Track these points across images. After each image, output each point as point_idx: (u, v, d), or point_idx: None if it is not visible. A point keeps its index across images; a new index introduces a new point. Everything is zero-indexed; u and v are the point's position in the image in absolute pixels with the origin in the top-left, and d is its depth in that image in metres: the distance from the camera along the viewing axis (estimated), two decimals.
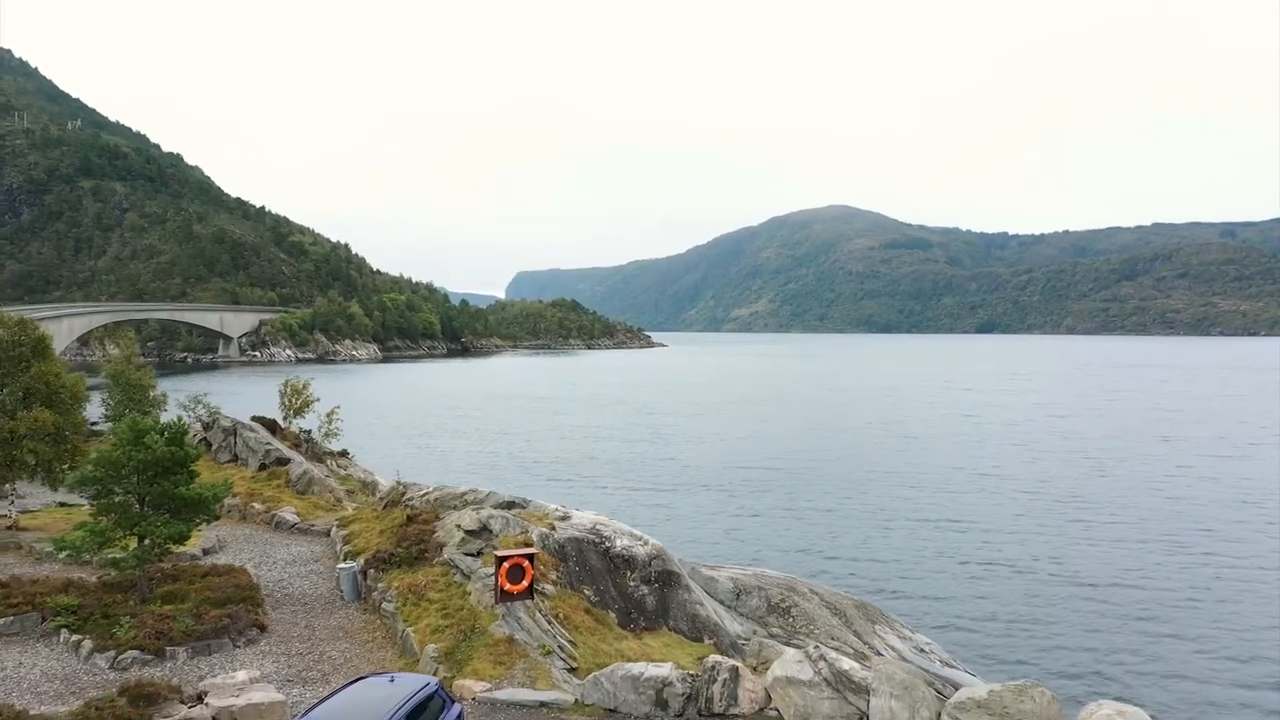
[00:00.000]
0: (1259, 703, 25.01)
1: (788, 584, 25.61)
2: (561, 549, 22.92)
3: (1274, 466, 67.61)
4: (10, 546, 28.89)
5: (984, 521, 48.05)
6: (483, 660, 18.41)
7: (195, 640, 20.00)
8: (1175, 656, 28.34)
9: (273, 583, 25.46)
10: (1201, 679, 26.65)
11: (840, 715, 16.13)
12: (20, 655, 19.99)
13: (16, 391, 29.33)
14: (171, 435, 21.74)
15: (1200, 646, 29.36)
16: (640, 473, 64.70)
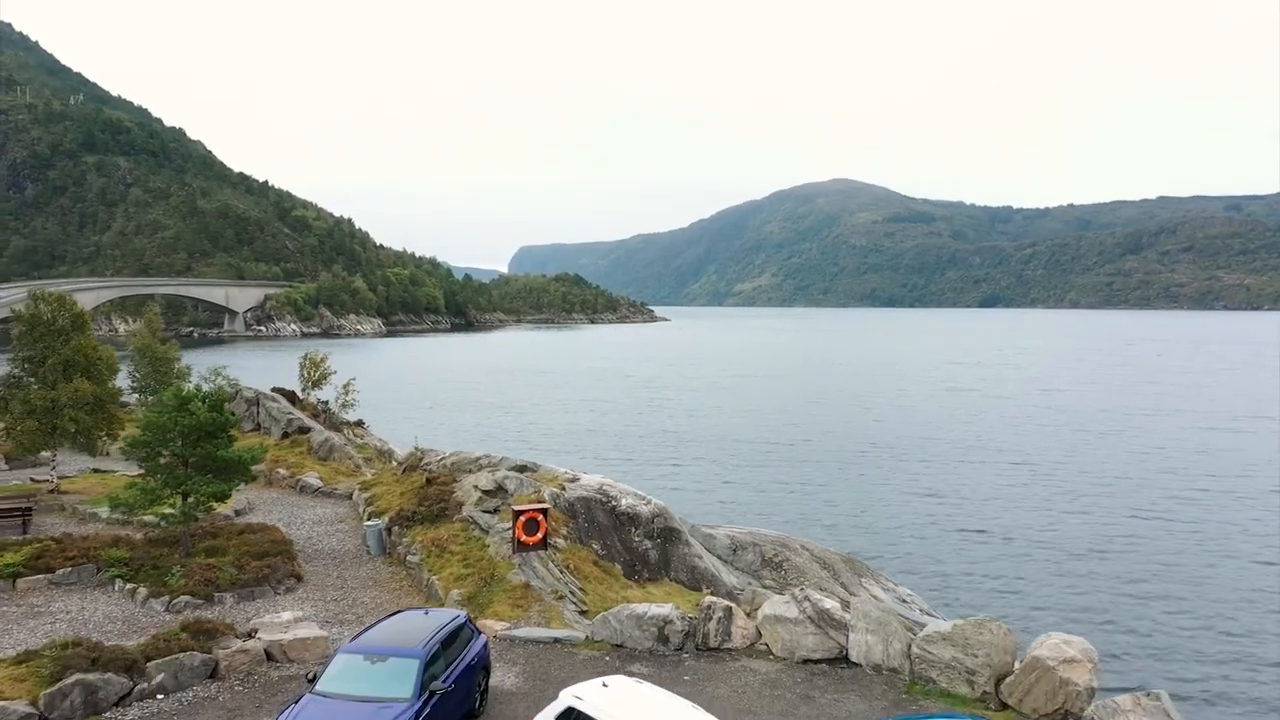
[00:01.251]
0: (1207, 650, 27.33)
1: (781, 541, 27.57)
2: (571, 507, 24.86)
3: (1257, 440, 69.56)
4: (55, 508, 30.89)
5: (969, 488, 50.39)
6: (502, 604, 20.39)
7: (240, 588, 22.00)
8: (1135, 606, 30.91)
9: (303, 540, 27.44)
10: (1158, 626, 29.19)
11: (822, 649, 18.09)
12: (81, 601, 22.04)
13: (57, 364, 31.16)
14: (213, 402, 23.63)
15: (1166, 604, 31.75)
16: (643, 444, 66.73)
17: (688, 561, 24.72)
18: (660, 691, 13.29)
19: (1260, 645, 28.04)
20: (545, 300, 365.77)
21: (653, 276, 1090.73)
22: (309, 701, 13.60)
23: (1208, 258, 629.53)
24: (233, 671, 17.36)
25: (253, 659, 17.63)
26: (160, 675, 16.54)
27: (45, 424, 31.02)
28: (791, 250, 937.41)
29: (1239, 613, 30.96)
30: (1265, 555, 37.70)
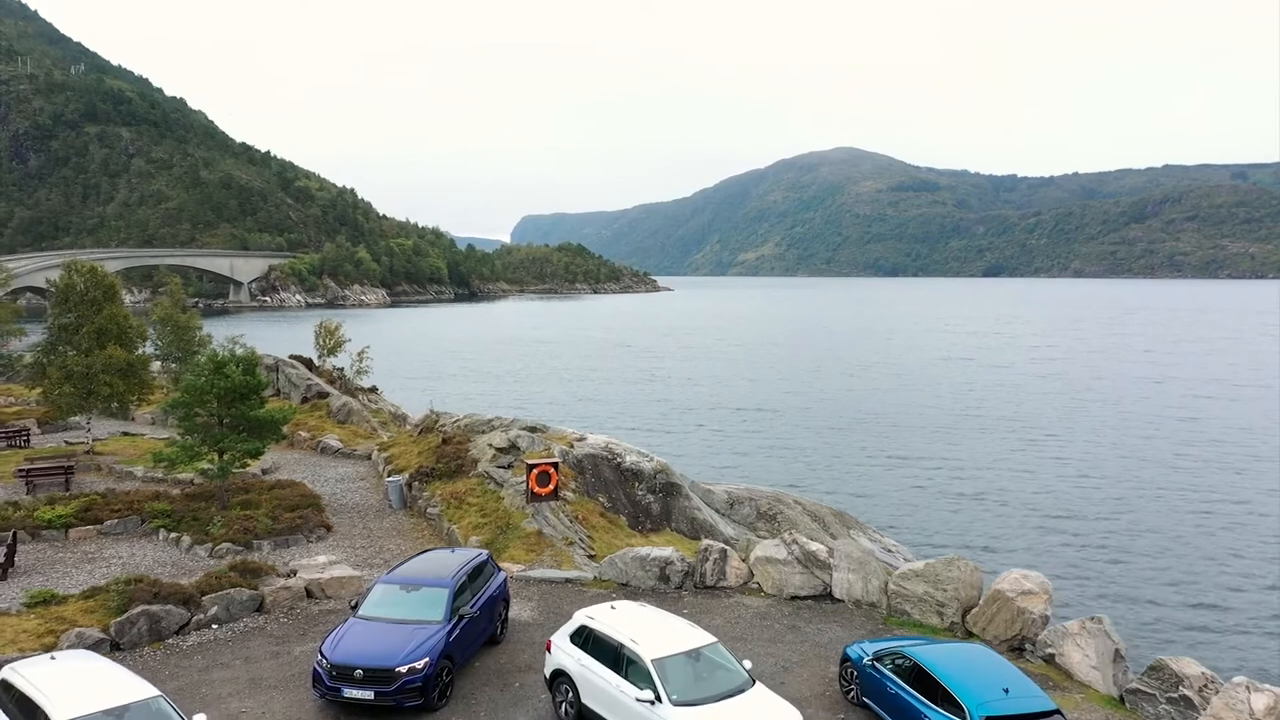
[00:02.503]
0: (1149, 585, 30.65)
1: (775, 496, 29.46)
2: (579, 463, 26.70)
3: (1242, 406, 71.33)
4: (92, 468, 32.81)
5: (956, 450, 53.06)
6: (517, 549, 22.29)
7: (275, 536, 23.92)
8: (1091, 548, 34.86)
9: (327, 496, 29.31)
10: (1111, 565, 32.90)
11: (809, 587, 19.98)
12: (130, 548, 23.99)
13: (92, 332, 32.92)
14: (246, 366, 25.40)
15: (1120, 546, 35.34)
16: (644, 410, 68.65)
17: (688, 514, 26.60)
18: (661, 612, 15.18)
19: (1198, 581, 31.58)
20: (548, 270, 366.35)
21: (656, 246, 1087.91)
22: (354, 623, 15.52)
23: (1212, 226, 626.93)
24: (277, 606, 19.30)
25: (294, 595, 19.57)
26: (214, 608, 18.49)
27: (81, 389, 32.83)
28: (795, 219, 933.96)
29: (1185, 554, 34.59)
30: (1220, 508, 40.88)
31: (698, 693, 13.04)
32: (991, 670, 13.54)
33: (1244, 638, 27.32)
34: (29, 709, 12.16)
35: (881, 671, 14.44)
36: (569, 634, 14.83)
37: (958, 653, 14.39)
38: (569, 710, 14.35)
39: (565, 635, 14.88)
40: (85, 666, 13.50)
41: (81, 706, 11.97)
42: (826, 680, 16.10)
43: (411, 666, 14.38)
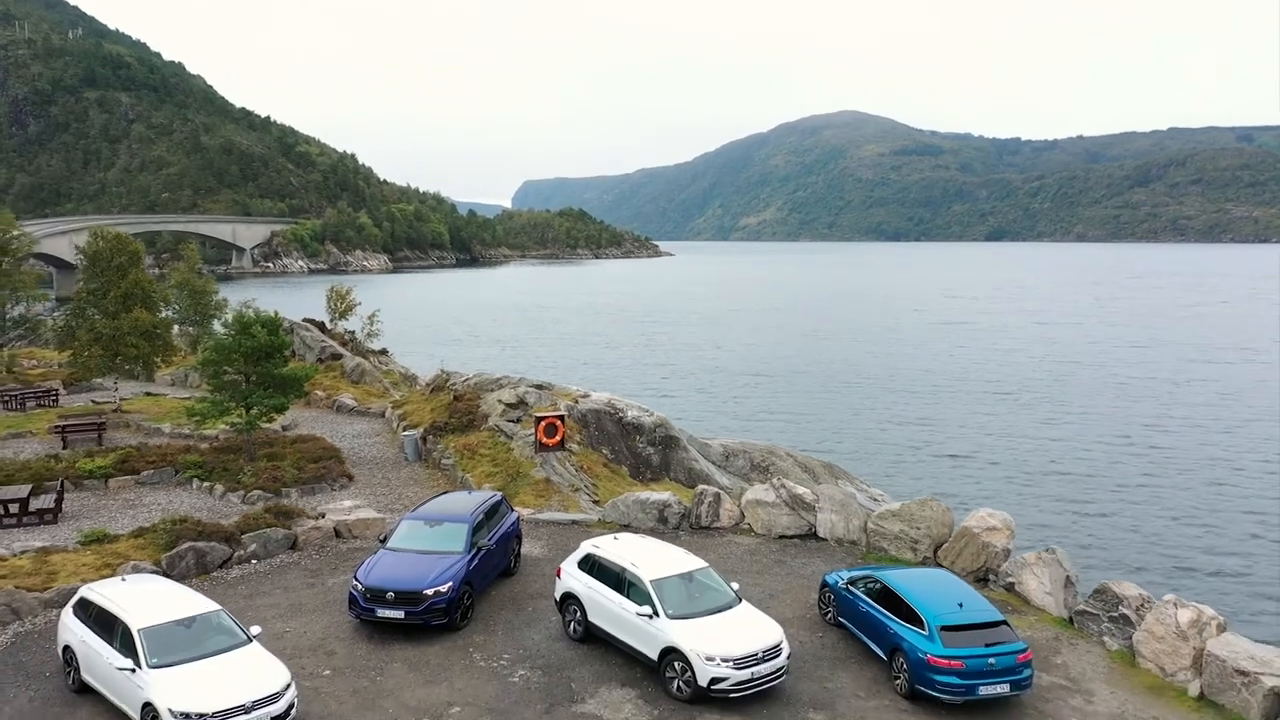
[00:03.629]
0: (1105, 523, 34.41)
1: (768, 449, 31.24)
2: (584, 418, 28.45)
3: (1233, 370, 73.02)
4: (121, 425, 34.60)
5: (945, 409, 56.14)
6: (527, 495, 24.09)
7: (301, 485, 25.72)
8: (1054, 488, 38.98)
9: (346, 450, 31.02)
10: (1070, 505, 37.07)
11: (795, 527, 21.77)
12: (167, 496, 25.82)
13: (118, 296, 34.52)
14: (270, 327, 27.05)
15: (1082, 489, 39.33)
16: (644, 373, 70.43)
17: (685, 464, 28.39)
18: (659, 542, 17.00)
19: (1146, 517, 35.74)
20: (549, 235, 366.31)
21: (657, 211, 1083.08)
22: (384, 554, 17.34)
23: (1217, 190, 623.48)
24: (309, 544, 21.14)
25: (324, 534, 21.40)
26: (253, 545, 20.32)
27: (109, 351, 34.52)
28: (797, 184, 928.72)
29: (1138, 495, 38.75)
30: (1179, 458, 44.79)
31: (690, 608, 14.85)
32: (949, 590, 15.34)
33: (1180, 563, 30.91)
34: (107, 621, 13.97)
35: (855, 593, 16.25)
36: (576, 561, 16.63)
37: (921, 576, 16.21)
38: (577, 627, 16.20)
39: (573, 562, 16.68)
40: (153, 586, 15.34)
41: (155, 617, 13.79)
42: (808, 605, 17.93)
43: (437, 590, 16.21)
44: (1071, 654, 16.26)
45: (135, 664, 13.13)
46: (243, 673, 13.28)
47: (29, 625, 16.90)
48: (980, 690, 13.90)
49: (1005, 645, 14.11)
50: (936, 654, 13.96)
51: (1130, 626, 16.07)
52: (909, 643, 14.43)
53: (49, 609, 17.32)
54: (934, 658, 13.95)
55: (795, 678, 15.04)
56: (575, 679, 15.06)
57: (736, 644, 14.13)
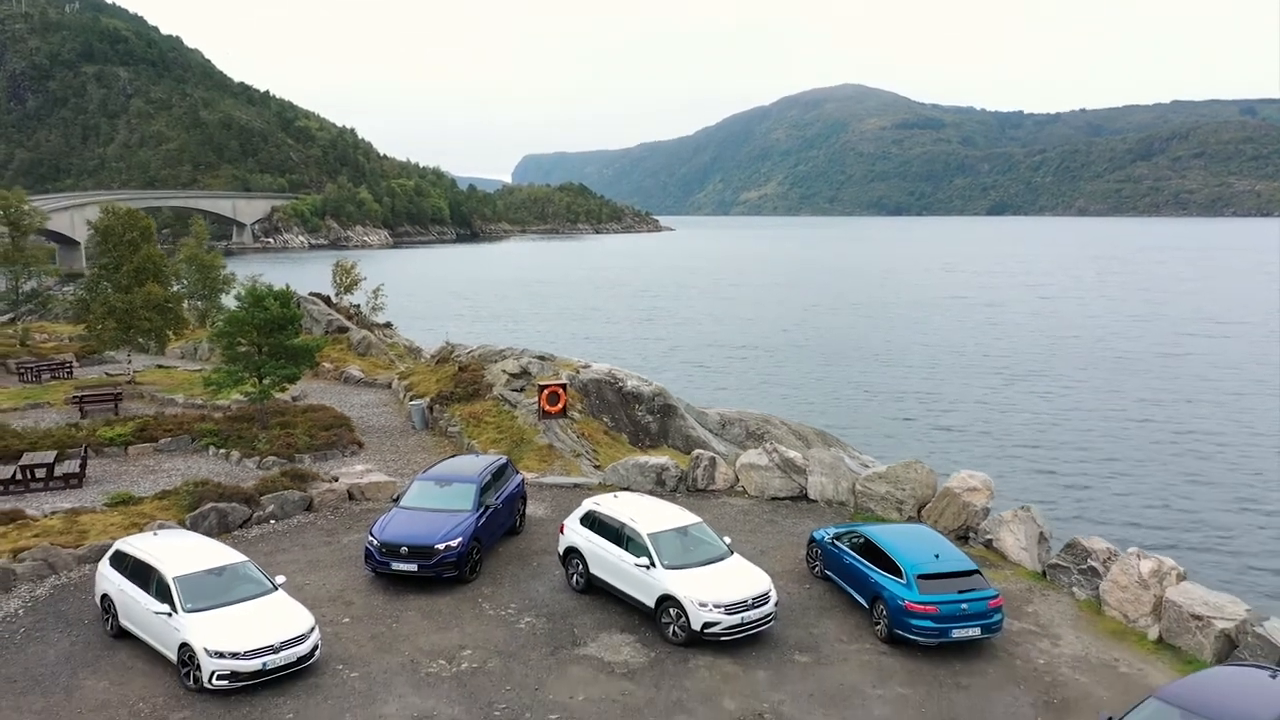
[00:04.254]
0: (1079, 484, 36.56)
1: (763, 418, 32.27)
2: (585, 388, 29.45)
3: (1225, 344, 73.96)
4: (135, 396, 35.63)
5: (938, 380, 57.74)
6: (530, 460, 25.14)
7: (314, 451, 26.77)
8: (1035, 452, 41.41)
9: (355, 419, 31.97)
10: (1050, 467, 39.61)
11: (787, 489, 22.82)
12: (185, 462, 26.88)
13: (131, 270, 35.41)
14: (283, 300, 27.98)
15: (1060, 453, 41.67)
16: (642, 345, 71.37)
17: (683, 432, 29.43)
18: (655, 499, 18.07)
19: (1119, 477, 38.42)
20: (550, 210, 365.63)
21: (658, 185, 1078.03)
22: (397, 512, 18.40)
23: (1219, 163, 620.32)
24: (324, 505, 22.21)
25: (338, 496, 22.47)
26: (271, 506, 21.40)
27: (123, 324, 35.47)
28: (798, 158, 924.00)
29: (1114, 457, 41.09)
30: (1156, 424, 47.26)
31: (685, 559, 15.93)
32: (927, 543, 16.40)
33: (1149, 520, 33.19)
34: (143, 571, 15.05)
35: (840, 547, 17.32)
36: (578, 518, 17.69)
37: (901, 531, 17.28)
38: (579, 579, 17.29)
39: (575, 519, 17.74)
40: (184, 539, 16.43)
41: (188, 566, 14.87)
42: (797, 560, 19.01)
43: (448, 544, 17.28)
44: (1042, 603, 17.35)
45: (171, 609, 14.22)
46: (270, 617, 14.37)
47: (65, 579, 18.00)
48: (953, 633, 14.99)
49: (977, 592, 15.19)
50: (913, 600, 15.03)
51: (1098, 578, 17.14)
52: (889, 591, 15.50)
53: (82, 564, 18.42)
54: (910, 603, 15.03)
55: (783, 624, 16.14)
56: (578, 625, 16.16)
57: (728, 591, 15.21)
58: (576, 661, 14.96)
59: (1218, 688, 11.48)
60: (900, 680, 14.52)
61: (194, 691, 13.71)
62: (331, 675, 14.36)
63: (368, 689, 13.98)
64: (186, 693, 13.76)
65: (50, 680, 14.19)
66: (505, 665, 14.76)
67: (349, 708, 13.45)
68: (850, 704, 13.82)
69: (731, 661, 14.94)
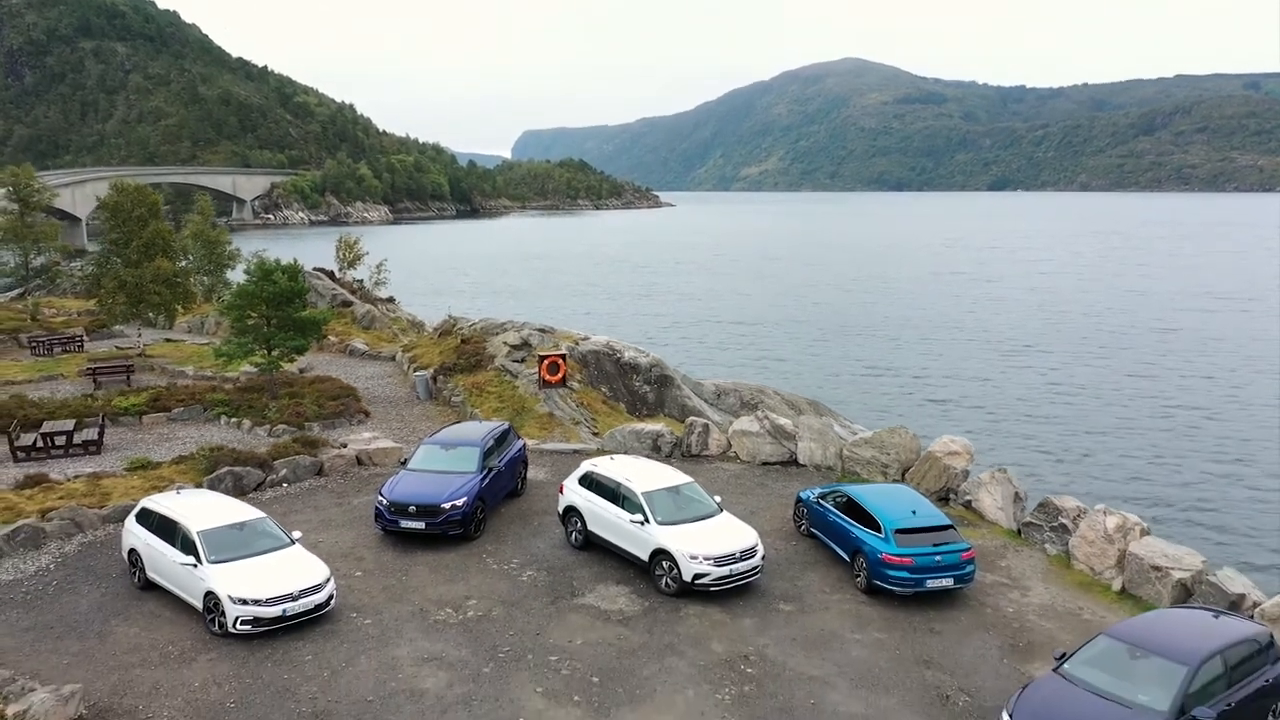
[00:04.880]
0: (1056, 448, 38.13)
1: (758, 388, 33.22)
2: (584, 359, 30.37)
3: (1210, 318, 74.79)
4: (146, 368, 36.57)
5: (930, 353, 58.63)
6: (531, 428, 26.11)
7: (323, 419, 27.73)
8: (1014, 419, 43.28)
9: (361, 390, 32.81)
10: (1027, 431, 41.54)
11: (777, 454, 23.79)
12: (198, 431, 27.85)
13: (140, 246, 36.22)
14: (291, 274, 28.83)
15: (1038, 420, 43.36)
16: (643, 321, 72.28)
17: (679, 401, 30.38)
18: (649, 461, 19.03)
19: (1092, 439, 40.56)
20: (550, 186, 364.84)
21: (658, 161, 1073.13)
22: (405, 474, 19.38)
23: (1222, 138, 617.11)
24: (334, 470, 23.19)
25: (347, 462, 23.45)
26: (283, 470, 22.38)
27: (133, 298, 36.34)
28: (799, 133, 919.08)
29: (1097, 425, 42.88)
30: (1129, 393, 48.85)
31: (677, 516, 16.91)
32: (905, 500, 17.39)
33: (1119, 479, 34.92)
34: (168, 527, 16.05)
35: (824, 505, 18.31)
36: (577, 479, 18.67)
37: (882, 490, 18.27)
38: (578, 537, 18.29)
39: (574, 480, 18.72)
40: (206, 498, 17.43)
41: (211, 521, 15.87)
42: (785, 520, 20.01)
43: (453, 504, 18.26)
44: (1015, 559, 18.37)
45: (196, 560, 15.22)
46: (288, 568, 15.39)
47: (91, 537, 19.00)
48: (928, 583, 16.00)
49: (951, 545, 16.20)
50: (890, 553, 16.03)
51: (1068, 534, 18.14)
52: (868, 545, 16.50)
53: (107, 523, 19.41)
54: (888, 555, 16.03)
55: (769, 577, 17.16)
56: (576, 578, 17.18)
57: (717, 545, 16.22)
58: (575, 610, 15.98)
59: (1162, 626, 12.50)
60: (877, 626, 15.55)
61: (219, 636, 14.74)
62: (346, 622, 15.38)
63: (380, 634, 15.01)
64: (212, 637, 14.79)
65: (84, 626, 15.22)
66: (508, 613, 15.78)
67: (364, 650, 14.48)
68: (830, 647, 14.84)
69: (720, 610, 15.96)
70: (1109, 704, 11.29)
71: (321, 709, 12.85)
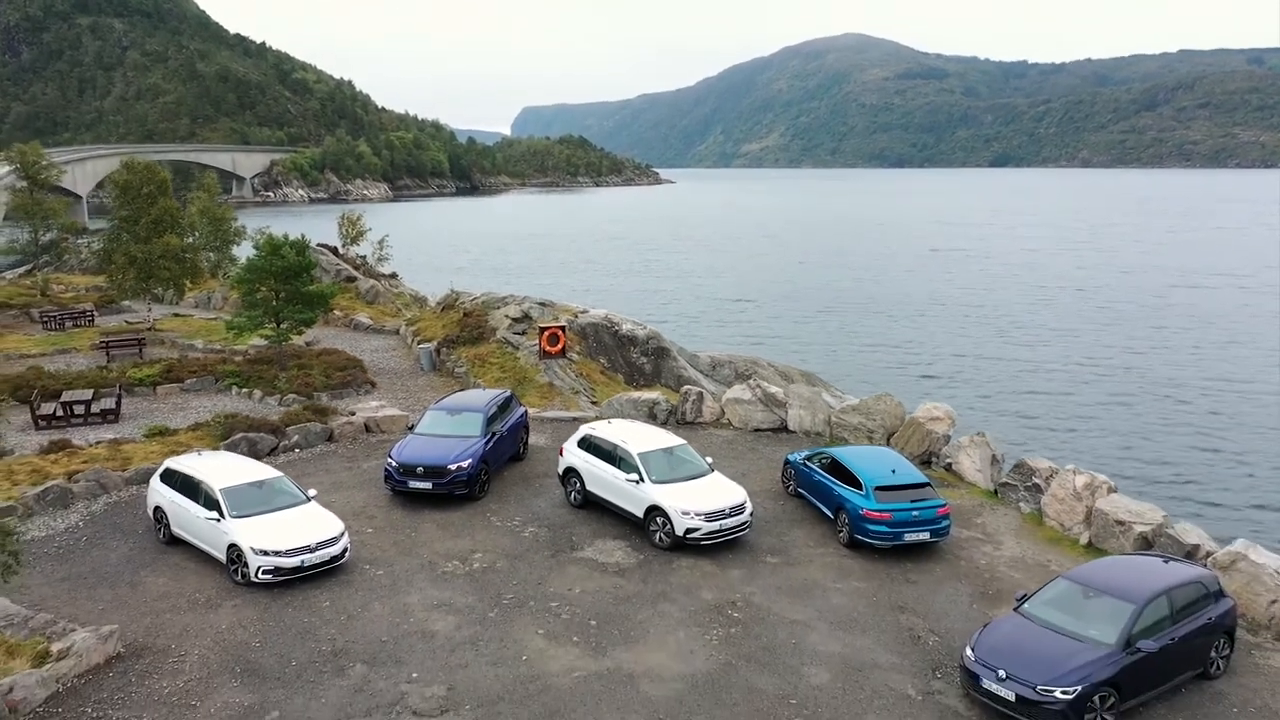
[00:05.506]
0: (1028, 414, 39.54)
1: (752, 360, 34.18)
2: (583, 331, 31.31)
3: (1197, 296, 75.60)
4: (157, 342, 37.51)
5: (922, 328, 59.77)
6: (532, 397, 27.09)
7: (331, 389, 28.69)
8: (999, 390, 44.74)
9: (366, 362, 33.79)
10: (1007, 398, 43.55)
11: (768, 421, 24.79)
12: (210, 400, 28.84)
13: (149, 222, 37.05)
14: (298, 249, 29.70)
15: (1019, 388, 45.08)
16: (641, 298, 73.10)
17: (675, 372, 31.34)
18: (644, 424, 20.03)
19: (1067, 405, 42.47)
20: (550, 163, 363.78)
21: (658, 138, 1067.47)
22: (413, 438, 20.41)
23: (1224, 114, 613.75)
24: (344, 436, 24.20)
25: (356, 428, 24.46)
26: (295, 436, 23.40)
27: (143, 273, 37.22)
28: (800, 109, 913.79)
29: (1067, 389, 44.99)
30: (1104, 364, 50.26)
31: (670, 475, 17.94)
32: (886, 460, 18.41)
33: (1088, 439, 37.13)
34: (191, 485, 17.07)
35: (810, 466, 19.33)
36: (576, 442, 19.68)
37: (863, 451, 19.31)
38: (577, 496, 19.33)
39: (573, 443, 19.73)
40: (226, 459, 18.46)
41: (231, 479, 16.90)
42: (774, 482, 21.04)
43: (459, 465, 19.28)
44: (991, 516, 19.42)
45: (220, 515, 16.25)
46: (305, 522, 16.44)
47: (115, 497, 20.04)
48: (905, 537, 17.04)
49: (928, 502, 17.23)
50: (871, 508, 17.07)
51: (1040, 493, 19.18)
52: (851, 502, 17.53)
53: (130, 485, 20.45)
54: (869, 511, 17.07)
55: (757, 533, 18.21)
56: (575, 534, 18.24)
57: (708, 502, 17.25)
58: (574, 562, 17.05)
59: (1115, 569, 13.56)
60: (857, 577, 16.61)
61: (241, 585, 15.81)
62: (360, 573, 16.45)
63: (392, 583, 16.07)
64: (235, 586, 15.85)
65: (115, 577, 16.29)
66: (512, 565, 16.85)
67: (377, 597, 15.55)
68: (812, 595, 15.91)
69: (710, 562, 17.02)
70: (1063, 638, 12.35)
71: (340, 648, 13.93)
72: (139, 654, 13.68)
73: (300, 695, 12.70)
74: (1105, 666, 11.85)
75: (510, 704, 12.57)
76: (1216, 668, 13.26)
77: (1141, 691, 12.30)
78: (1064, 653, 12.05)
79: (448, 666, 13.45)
